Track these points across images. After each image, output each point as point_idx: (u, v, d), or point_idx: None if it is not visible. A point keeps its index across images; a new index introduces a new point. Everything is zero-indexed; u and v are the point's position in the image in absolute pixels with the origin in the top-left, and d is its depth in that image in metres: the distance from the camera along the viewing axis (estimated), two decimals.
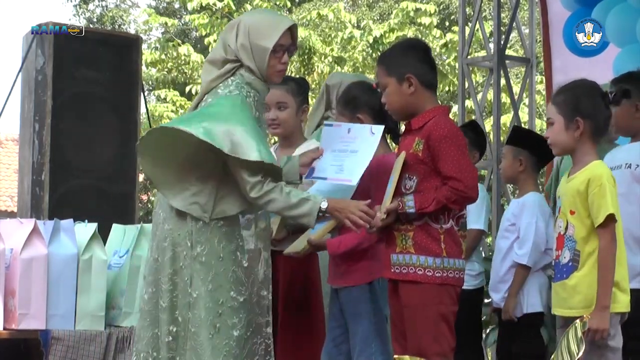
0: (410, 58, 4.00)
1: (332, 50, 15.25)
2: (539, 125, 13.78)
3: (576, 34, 6.25)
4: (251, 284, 4.06)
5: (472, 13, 9.93)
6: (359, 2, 20.20)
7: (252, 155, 3.85)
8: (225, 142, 3.85)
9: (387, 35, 15.16)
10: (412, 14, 15.11)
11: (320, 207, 3.89)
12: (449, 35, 15.43)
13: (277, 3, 15.66)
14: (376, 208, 3.93)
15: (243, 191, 3.91)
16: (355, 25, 16.18)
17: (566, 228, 3.72)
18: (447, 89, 16.21)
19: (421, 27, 15.30)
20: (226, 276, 3.94)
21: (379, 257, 4.12)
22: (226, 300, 3.93)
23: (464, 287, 4.29)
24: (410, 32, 15.14)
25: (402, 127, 4.26)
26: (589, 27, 6.17)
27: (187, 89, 16.18)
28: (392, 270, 3.95)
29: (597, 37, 6.16)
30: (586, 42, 6.17)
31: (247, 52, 4.03)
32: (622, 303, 3.71)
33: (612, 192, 3.66)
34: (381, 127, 3.92)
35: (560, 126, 3.77)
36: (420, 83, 3.98)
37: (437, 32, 15.75)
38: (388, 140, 4.47)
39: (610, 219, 3.62)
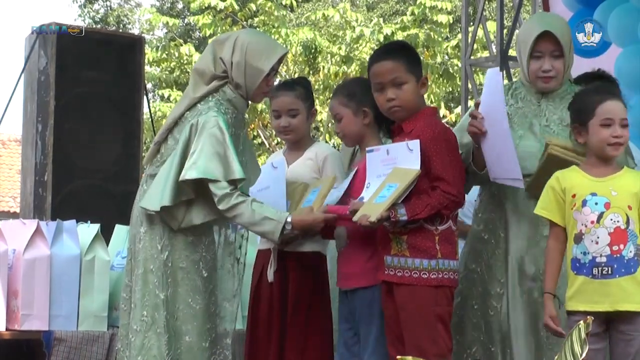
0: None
1: (339, 49, 15.23)
2: None
3: (576, 33, 6.25)
4: (209, 293, 4.17)
5: (475, 13, 9.94)
6: (358, 2, 20.20)
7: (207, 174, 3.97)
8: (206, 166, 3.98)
9: (397, 33, 15.13)
10: (427, 11, 15.06)
11: (284, 225, 4.01)
12: (460, 36, 15.41)
13: (283, 3, 15.64)
14: (352, 203, 3.97)
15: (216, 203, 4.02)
16: (363, 24, 16.15)
17: (627, 222, 3.70)
18: (450, 89, 16.20)
19: (434, 26, 15.25)
20: (186, 283, 4.07)
21: None
22: (183, 306, 4.06)
23: None
24: (421, 33, 15.10)
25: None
26: (588, 27, 6.16)
27: None
28: (386, 273, 3.95)
29: (597, 37, 6.15)
30: (586, 42, 6.16)
31: (241, 70, 4.11)
32: None
33: None
34: (417, 142, 3.87)
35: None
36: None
37: (444, 32, 15.73)
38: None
39: None
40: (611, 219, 3.71)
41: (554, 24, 4.08)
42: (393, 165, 3.93)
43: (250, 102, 4.29)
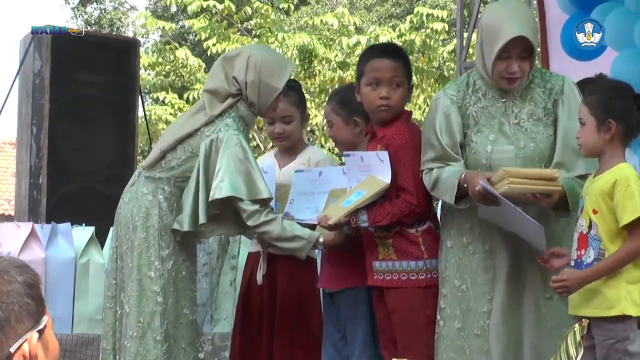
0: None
1: (336, 56, 15.23)
2: None
3: (576, 34, 6.23)
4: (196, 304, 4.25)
5: (470, 16, 9.93)
6: (357, 4, 20.20)
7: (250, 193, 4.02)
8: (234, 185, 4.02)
9: (394, 40, 15.14)
10: (424, 18, 15.08)
11: (316, 244, 4.05)
12: (455, 41, 15.39)
13: (281, 6, 15.64)
14: (326, 213, 3.99)
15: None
16: (359, 27, 16.12)
17: (589, 227, 3.65)
18: None
19: (429, 31, 15.25)
20: (184, 293, 4.12)
21: None
22: (180, 315, 4.10)
23: None
24: (417, 39, 15.11)
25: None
26: (589, 27, 6.15)
27: (185, 95, 16.18)
28: (376, 277, 3.96)
29: (597, 37, 6.13)
30: (586, 42, 6.14)
31: (255, 89, 4.14)
32: None
33: None
34: (385, 153, 3.90)
35: (591, 127, 3.64)
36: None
37: (440, 37, 15.73)
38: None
39: None
40: (580, 224, 3.68)
41: (526, 25, 3.76)
42: (368, 172, 3.96)
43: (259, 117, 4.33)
